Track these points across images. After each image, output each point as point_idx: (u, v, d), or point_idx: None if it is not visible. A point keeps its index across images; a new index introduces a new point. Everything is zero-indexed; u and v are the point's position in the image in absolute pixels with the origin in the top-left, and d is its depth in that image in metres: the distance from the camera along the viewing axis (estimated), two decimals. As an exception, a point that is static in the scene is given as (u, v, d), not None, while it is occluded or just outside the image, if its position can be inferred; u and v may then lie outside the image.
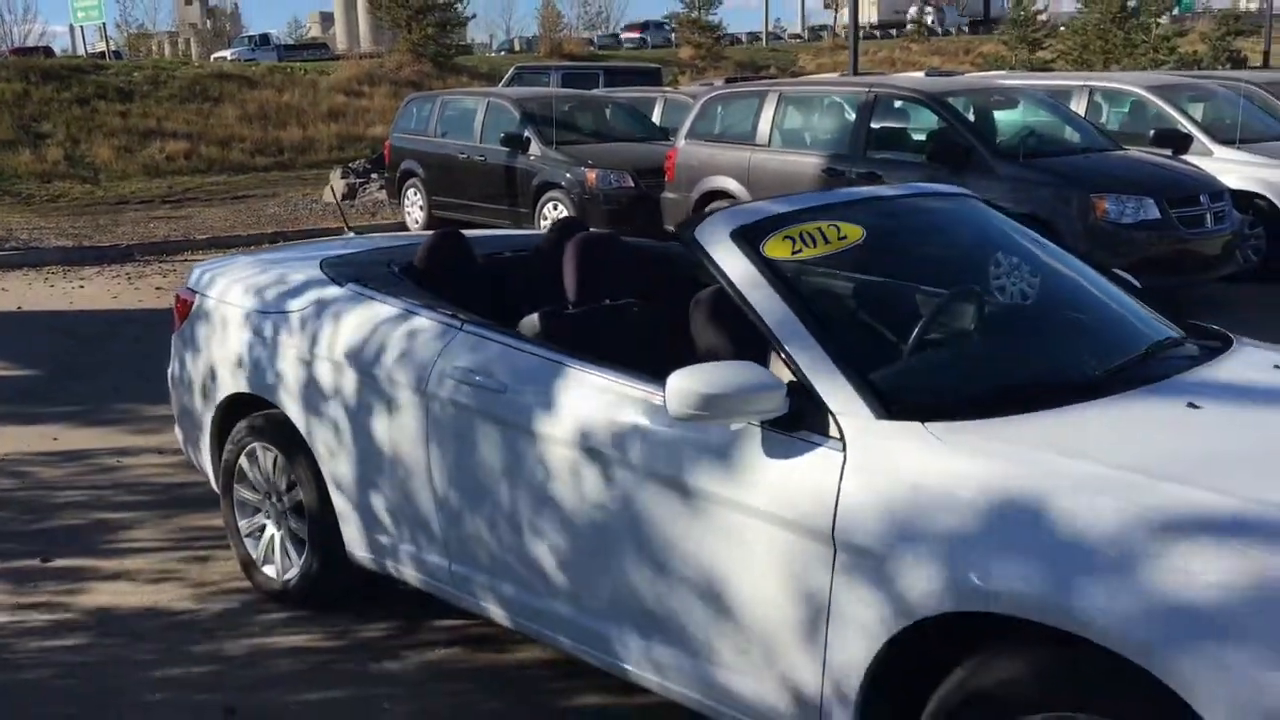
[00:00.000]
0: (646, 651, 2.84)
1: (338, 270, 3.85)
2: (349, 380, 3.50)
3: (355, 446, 3.51)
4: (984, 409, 2.50)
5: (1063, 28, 32.79)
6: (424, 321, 3.40)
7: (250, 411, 3.93)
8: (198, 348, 4.13)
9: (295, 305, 3.76)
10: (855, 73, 20.38)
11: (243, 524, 4.05)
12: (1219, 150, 9.70)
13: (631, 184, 11.39)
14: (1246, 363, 2.94)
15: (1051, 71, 26.41)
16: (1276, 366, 2.92)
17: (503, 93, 13.72)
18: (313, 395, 3.62)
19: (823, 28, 63.27)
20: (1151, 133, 9.92)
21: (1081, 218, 8.03)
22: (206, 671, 3.49)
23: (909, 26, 54.86)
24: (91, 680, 3.45)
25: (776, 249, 2.84)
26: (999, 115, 9.57)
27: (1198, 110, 10.73)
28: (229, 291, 4.05)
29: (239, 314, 3.94)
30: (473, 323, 3.33)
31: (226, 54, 51.72)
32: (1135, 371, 2.80)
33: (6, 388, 6.90)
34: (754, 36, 58.66)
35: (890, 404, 2.49)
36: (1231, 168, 9.54)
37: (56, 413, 6.29)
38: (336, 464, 3.60)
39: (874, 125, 9.30)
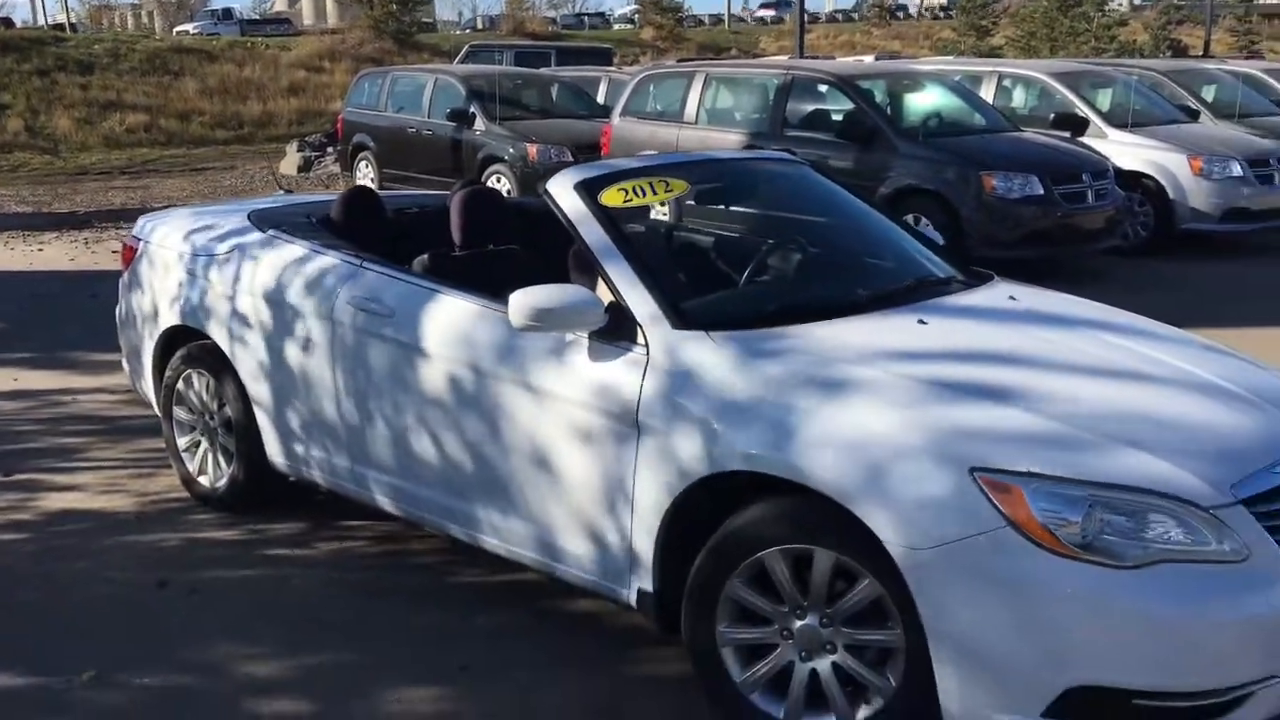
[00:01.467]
0: (501, 524, 3.48)
1: (262, 219, 4.45)
2: (267, 311, 4.11)
3: (273, 367, 4.13)
4: (757, 322, 3.17)
5: (1011, 15, 33.59)
6: (330, 260, 4.02)
7: (186, 342, 4.53)
8: (141, 288, 4.72)
9: (223, 248, 4.36)
10: (801, 55, 20.99)
11: (181, 441, 4.65)
12: (1113, 133, 10.42)
13: (571, 159, 11.96)
14: (989, 294, 3.62)
15: (999, 58, 27.18)
16: (1011, 298, 3.60)
17: (450, 70, 14.27)
18: (237, 325, 4.23)
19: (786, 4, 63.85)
20: (1052, 116, 10.65)
21: (972, 193, 8.73)
22: (144, 557, 4.11)
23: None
24: (44, 565, 4.06)
25: (611, 198, 3.48)
26: (909, 98, 10.24)
27: (1103, 96, 11.46)
28: (168, 237, 4.64)
29: (176, 256, 4.54)
30: (370, 261, 3.95)
31: (189, 28, 51.70)
32: (894, 297, 3.47)
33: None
34: (716, 19, 59.24)
35: (685, 317, 3.14)
36: (1123, 149, 10.28)
37: (16, 359, 6.84)
38: (258, 383, 4.21)
39: (790, 106, 9.95)
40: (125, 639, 3.52)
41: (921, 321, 3.26)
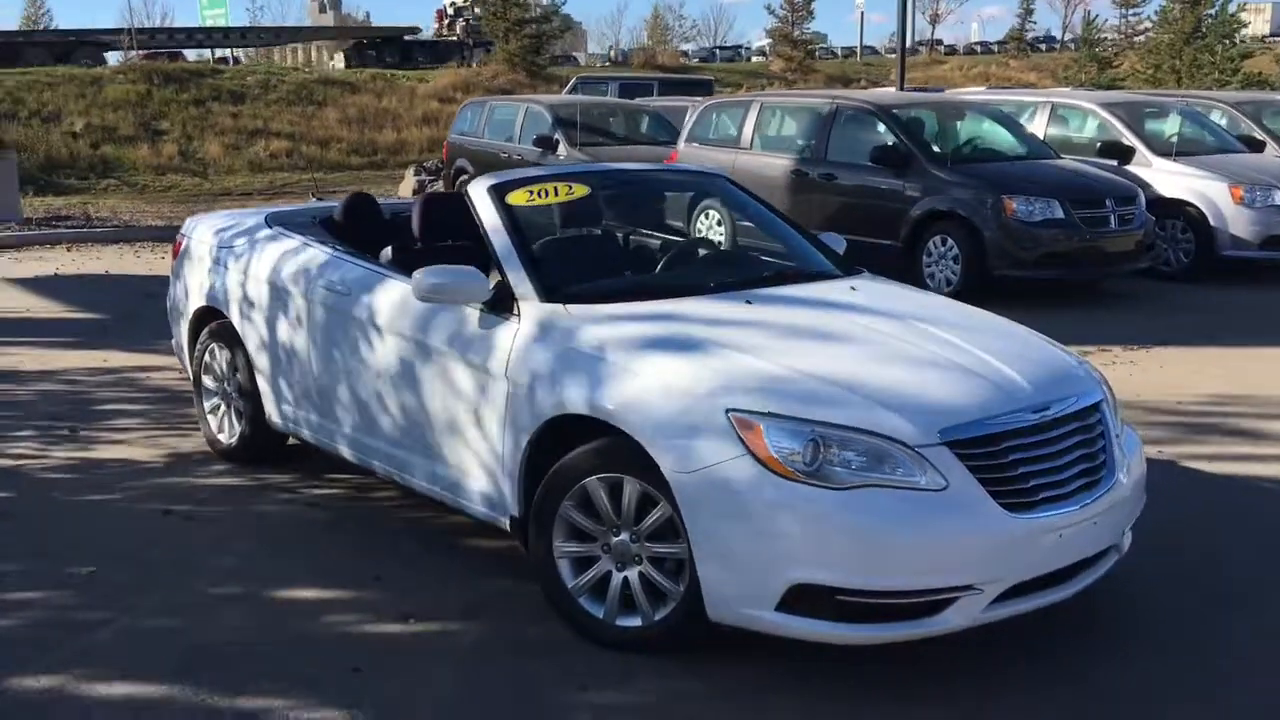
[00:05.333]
0: (422, 468, 4.23)
1: (274, 219, 5.32)
2: (265, 292, 4.96)
3: (269, 340, 4.97)
4: (604, 299, 3.86)
5: (1137, 46, 33.16)
6: (314, 252, 4.85)
7: (211, 320, 5.41)
8: (181, 276, 5.65)
9: (239, 242, 5.25)
10: (901, 87, 21.39)
11: (206, 405, 5.53)
12: (1157, 161, 10.67)
13: (642, 183, 12.76)
14: (833, 285, 4.23)
15: (1117, 90, 26.97)
16: (852, 288, 4.20)
17: (540, 99, 15.24)
18: (244, 305, 5.09)
19: (937, 43, 64.03)
20: (1098, 145, 10.98)
21: (994, 215, 9.16)
22: (159, 493, 4.98)
23: None
24: (78, 494, 4.97)
25: (517, 198, 4.23)
26: (949, 127, 10.72)
27: (1158, 125, 11.68)
28: (203, 233, 5.56)
29: (205, 249, 5.44)
30: (345, 252, 4.76)
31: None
32: (742, 284, 4.11)
33: (81, 326, 8.61)
34: (850, 50, 59.55)
35: (549, 292, 3.85)
36: (1167, 177, 10.53)
37: (112, 343, 7.93)
38: (259, 354, 5.05)
39: (834, 133, 10.53)
40: (123, 547, 4.38)
41: (749, 302, 3.90)
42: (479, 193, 4.24)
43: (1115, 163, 10.72)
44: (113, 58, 38.81)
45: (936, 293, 9.13)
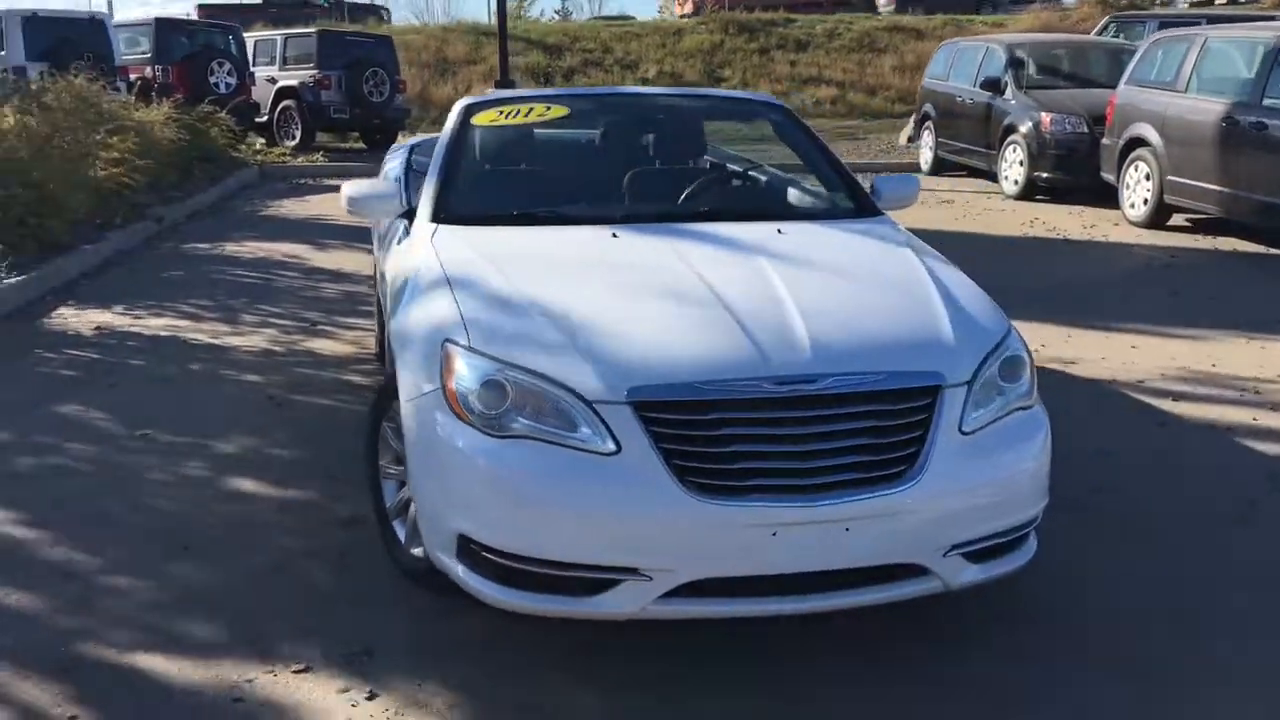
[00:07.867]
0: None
1: (416, 145, 5.64)
2: (379, 204, 5.32)
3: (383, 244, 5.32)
4: (479, 223, 3.69)
5: None
6: (399, 171, 5.09)
7: (386, 233, 5.90)
8: (381, 191, 6.19)
9: (387, 157, 5.65)
10: None
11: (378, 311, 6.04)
12: None
13: (1086, 130, 11.41)
14: (761, 227, 3.63)
15: None
16: (779, 231, 3.57)
17: (999, 38, 14.02)
18: (376, 216, 5.50)
19: None
20: None
21: None
22: (286, 383, 5.53)
23: None
24: (239, 374, 5.68)
25: (483, 118, 4.14)
26: None
27: None
28: (389, 153, 6.04)
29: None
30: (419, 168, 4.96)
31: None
32: (656, 217, 3.69)
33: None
34: None
35: (437, 212, 3.77)
36: None
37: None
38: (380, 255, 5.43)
39: (1275, 73, 8.64)
40: (196, 421, 4.95)
41: (615, 235, 3.52)
42: (456, 109, 4.22)
43: None
44: None
45: None
